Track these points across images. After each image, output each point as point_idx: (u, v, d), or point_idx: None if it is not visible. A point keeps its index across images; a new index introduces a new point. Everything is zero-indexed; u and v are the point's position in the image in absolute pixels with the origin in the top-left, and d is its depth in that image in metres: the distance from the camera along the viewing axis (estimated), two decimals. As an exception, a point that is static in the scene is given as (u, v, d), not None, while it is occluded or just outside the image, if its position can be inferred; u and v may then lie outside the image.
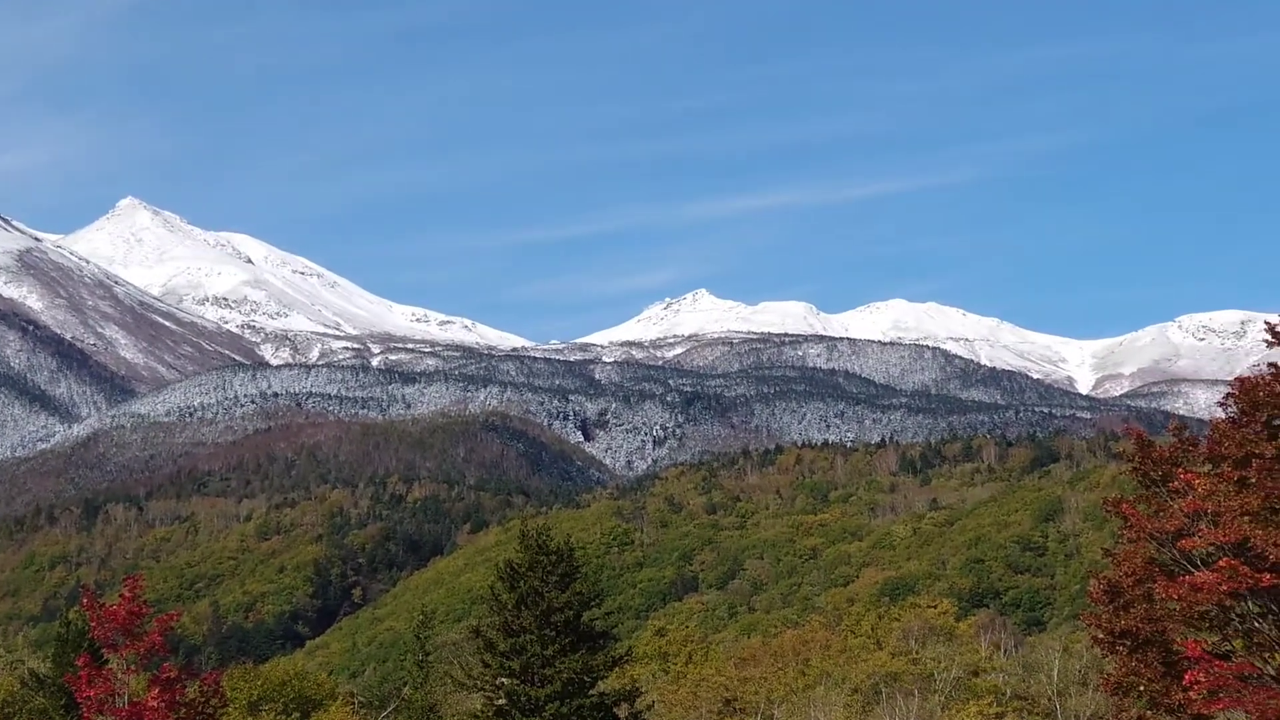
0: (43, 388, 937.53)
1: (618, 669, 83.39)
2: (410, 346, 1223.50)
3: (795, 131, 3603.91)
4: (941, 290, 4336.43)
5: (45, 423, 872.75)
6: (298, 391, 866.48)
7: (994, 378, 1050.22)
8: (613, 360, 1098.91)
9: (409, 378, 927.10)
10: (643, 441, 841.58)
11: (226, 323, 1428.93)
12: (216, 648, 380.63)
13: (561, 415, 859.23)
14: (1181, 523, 46.47)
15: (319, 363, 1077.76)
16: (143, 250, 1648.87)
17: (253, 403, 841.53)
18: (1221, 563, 43.41)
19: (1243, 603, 44.95)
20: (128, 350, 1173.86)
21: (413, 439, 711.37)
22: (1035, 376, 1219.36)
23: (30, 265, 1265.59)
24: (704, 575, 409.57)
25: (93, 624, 51.22)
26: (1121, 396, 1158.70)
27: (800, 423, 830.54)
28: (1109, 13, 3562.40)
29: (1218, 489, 44.25)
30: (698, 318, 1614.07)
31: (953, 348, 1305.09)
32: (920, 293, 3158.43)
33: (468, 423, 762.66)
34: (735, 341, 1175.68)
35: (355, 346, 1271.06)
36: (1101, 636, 50.43)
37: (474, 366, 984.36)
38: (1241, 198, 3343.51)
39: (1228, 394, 46.81)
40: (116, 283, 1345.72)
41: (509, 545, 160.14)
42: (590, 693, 75.84)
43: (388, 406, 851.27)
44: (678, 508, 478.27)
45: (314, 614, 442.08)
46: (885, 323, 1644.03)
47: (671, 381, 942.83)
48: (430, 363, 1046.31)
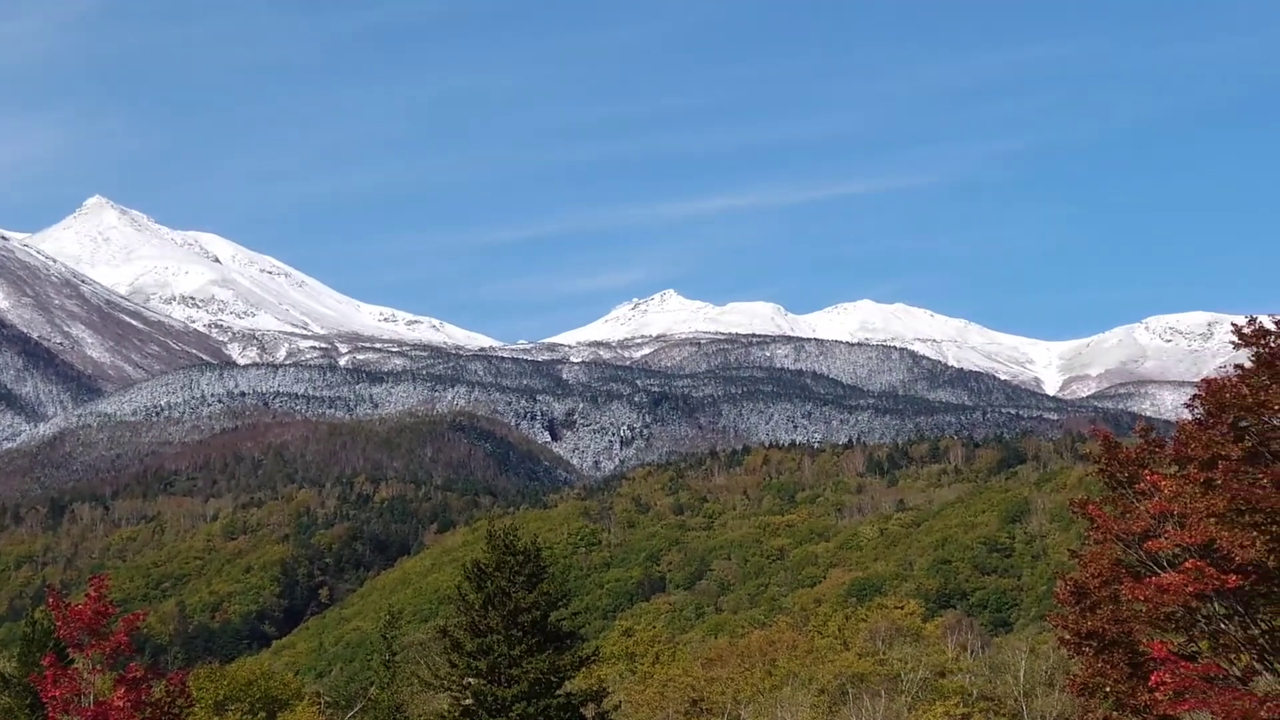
0: (9, 387, 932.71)
1: (585, 669, 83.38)
2: (378, 346, 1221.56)
3: (763, 132, 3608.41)
4: (909, 291, 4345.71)
5: (11, 422, 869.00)
6: (265, 391, 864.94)
7: (961, 379, 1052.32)
8: (580, 360, 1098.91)
9: (376, 377, 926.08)
10: (610, 442, 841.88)
11: (194, 322, 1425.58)
12: (183, 647, 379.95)
13: (529, 415, 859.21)
14: (1148, 524, 46.58)
15: (286, 362, 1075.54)
16: (110, 249, 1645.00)
17: (220, 402, 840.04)
18: (1188, 564, 43.49)
19: (1209, 604, 45.05)
20: (94, 349, 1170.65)
21: (380, 439, 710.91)
22: (1002, 378, 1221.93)
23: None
24: (671, 576, 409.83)
25: (58, 623, 50.90)
26: (1088, 398, 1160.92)
27: (768, 423, 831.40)
28: (1075, 14, 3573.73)
29: (1184, 490, 44.33)
30: (665, 318, 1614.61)
31: (920, 349, 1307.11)
32: (888, 294, 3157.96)
33: (435, 422, 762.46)
34: (703, 342, 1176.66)
35: (323, 346, 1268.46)
36: (1068, 637, 50.54)
37: (441, 366, 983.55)
38: (1209, 200, 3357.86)
39: (1194, 396, 46.83)
40: (84, 282, 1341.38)
41: (476, 545, 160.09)
42: (557, 693, 75.77)
43: (355, 406, 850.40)
44: (645, 508, 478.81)
45: (280, 614, 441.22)
46: (853, 323, 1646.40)
47: (639, 382, 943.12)
48: (398, 362, 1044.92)
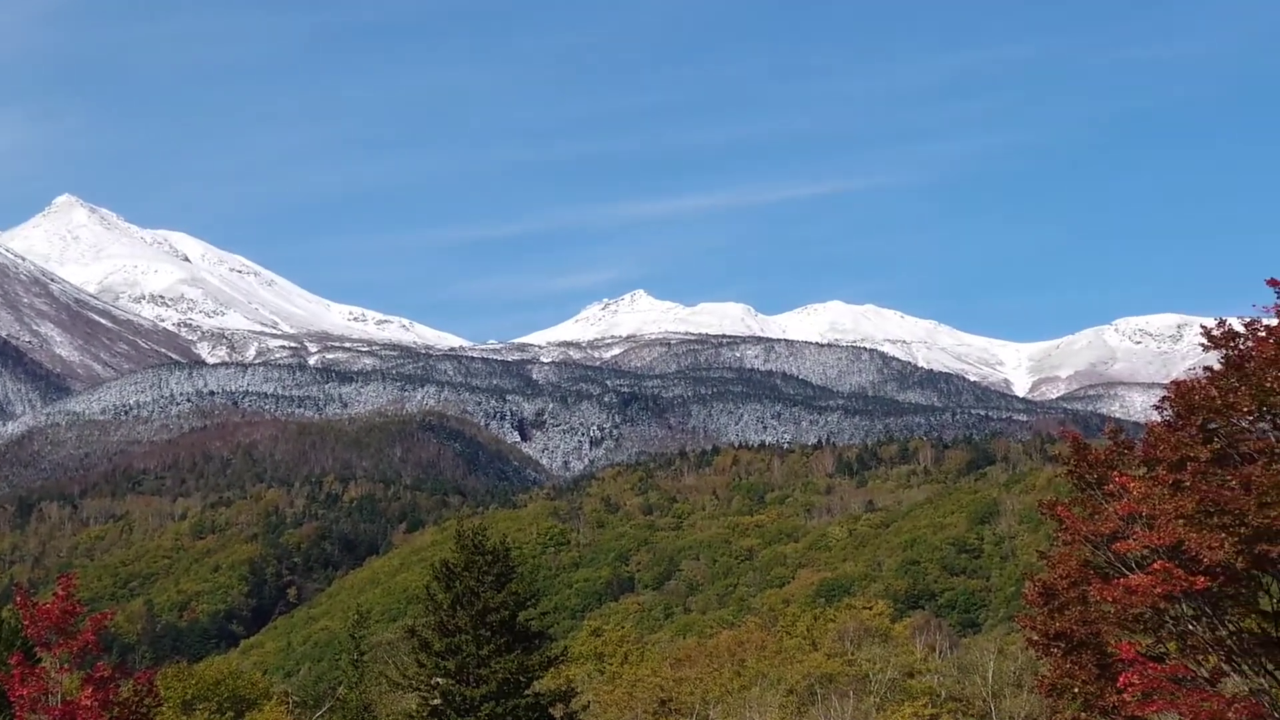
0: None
1: (553, 669, 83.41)
2: (347, 346, 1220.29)
3: (734, 132, 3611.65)
4: (879, 292, 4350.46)
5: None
6: (234, 390, 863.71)
7: (931, 380, 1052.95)
8: (550, 360, 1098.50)
9: (346, 377, 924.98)
10: (580, 442, 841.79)
11: (163, 321, 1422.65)
12: (151, 647, 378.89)
13: (498, 415, 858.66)
14: (1116, 525, 46.56)
15: (255, 361, 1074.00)
16: (79, 248, 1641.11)
17: (189, 401, 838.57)
18: (1156, 565, 43.47)
19: (1177, 605, 45.08)
20: (63, 348, 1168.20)
21: (349, 438, 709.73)
22: (972, 379, 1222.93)
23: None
24: (640, 576, 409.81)
25: (26, 622, 50.77)
26: (1058, 399, 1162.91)
27: (737, 424, 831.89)
28: (1044, 15, 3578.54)
29: (1153, 492, 44.31)
30: (635, 318, 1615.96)
31: (890, 350, 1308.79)
32: (858, 294, 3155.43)
33: (404, 422, 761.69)
34: (673, 342, 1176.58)
35: (292, 345, 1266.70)
36: (1036, 638, 50.53)
37: (411, 366, 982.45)
38: (1179, 201, 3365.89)
39: (1163, 397, 46.75)
40: (52, 280, 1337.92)
41: (445, 545, 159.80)
42: (525, 693, 75.76)
43: (324, 406, 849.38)
44: (614, 508, 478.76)
45: (249, 613, 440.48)
46: (823, 324, 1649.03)
47: (609, 382, 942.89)
48: (367, 362, 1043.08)
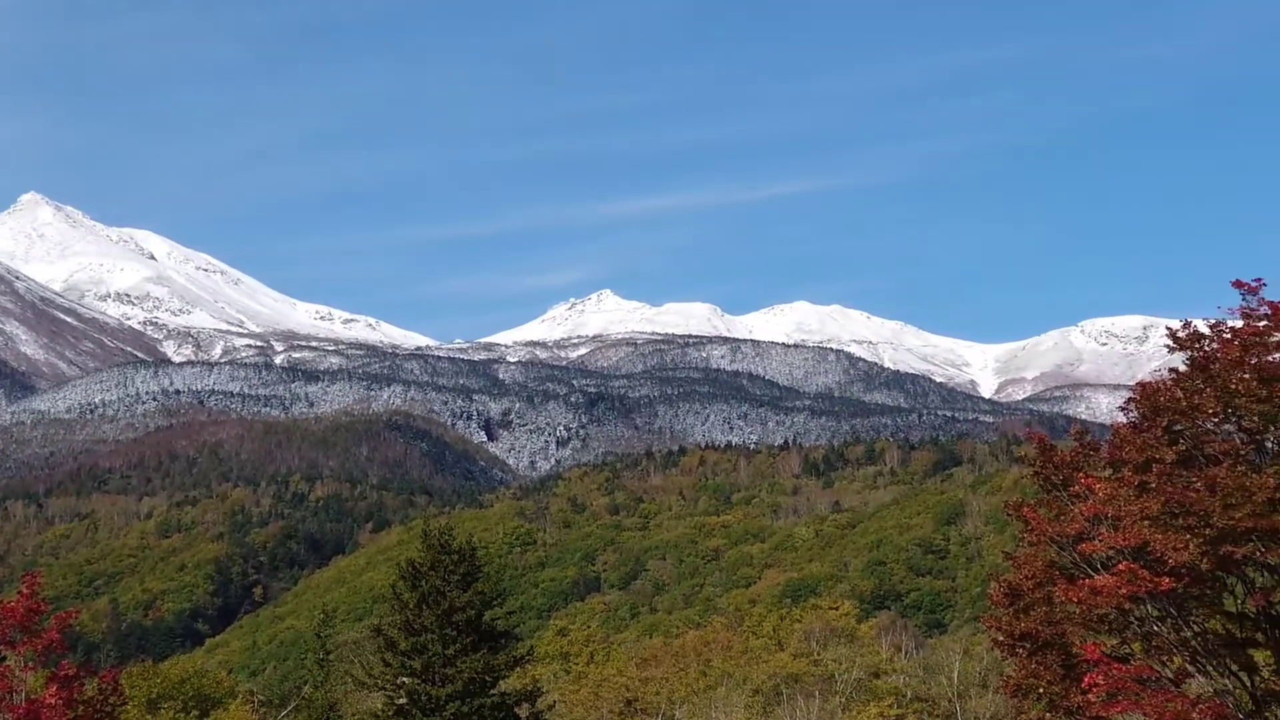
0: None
1: (519, 669, 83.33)
2: (314, 345, 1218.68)
3: (700, 133, 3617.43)
4: (846, 293, 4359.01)
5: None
6: (200, 389, 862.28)
7: (897, 381, 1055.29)
8: (517, 360, 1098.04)
9: (312, 376, 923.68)
10: (546, 442, 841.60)
11: (129, 319, 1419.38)
12: (116, 645, 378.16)
13: (465, 415, 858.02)
14: (1082, 526, 46.60)
15: (222, 360, 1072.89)
16: (44, 246, 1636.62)
17: (154, 400, 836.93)
18: (1121, 566, 43.53)
19: (1142, 606, 45.13)
20: (28, 346, 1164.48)
21: (315, 437, 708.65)
22: (938, 380, 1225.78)
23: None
24: (606, 575, 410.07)
25: (-11, 621, 50.60)
26: (1024, 400, 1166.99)
27: (704, 424, 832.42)
28: (1016, 18, 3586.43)
29: (1118, 493, 44.36)
30: (602, 318, 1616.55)
31: (856, 350, 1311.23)
32: (824, 295, 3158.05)
33: (371, 422, 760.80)
34: (639, 342, 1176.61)
35: (258, 344, 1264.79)
36: (1002, 639, 50.58)
37: (377, 365, 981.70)
38: (1145, 203, 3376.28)
39: (1129, 399, 46.81)
40: (17, 278, 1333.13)
41: (411, 544, 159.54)
42: (491, 692, 75.73)
43: (291, 405, 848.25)
44: (581, 508, 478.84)
45: (214, 612, 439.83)
46: (789, 325, 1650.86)
47: (575, 382, 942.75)
48: (334, 361, 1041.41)
